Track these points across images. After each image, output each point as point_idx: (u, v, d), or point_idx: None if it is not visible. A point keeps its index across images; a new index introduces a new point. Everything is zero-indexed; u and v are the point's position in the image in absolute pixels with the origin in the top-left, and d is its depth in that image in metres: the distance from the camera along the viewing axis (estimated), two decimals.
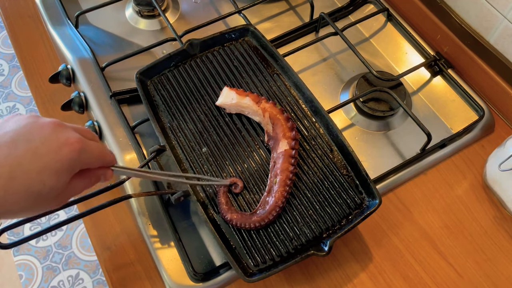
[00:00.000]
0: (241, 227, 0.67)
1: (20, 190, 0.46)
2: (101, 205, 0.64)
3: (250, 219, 0.67)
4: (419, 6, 0.92)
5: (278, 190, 0.68)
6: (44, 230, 0.60)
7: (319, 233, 0.67)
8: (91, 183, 0.53)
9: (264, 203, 0.68)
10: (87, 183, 0.53)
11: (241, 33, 0.84)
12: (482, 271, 0.71)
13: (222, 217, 0.68)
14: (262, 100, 0.74)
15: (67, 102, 0.83)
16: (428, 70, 0.90)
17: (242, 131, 0.75)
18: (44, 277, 1.79)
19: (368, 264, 0.72)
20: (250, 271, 0.65)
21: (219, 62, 0.81)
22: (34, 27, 0.99)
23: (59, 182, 0.48)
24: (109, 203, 0.64)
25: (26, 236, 0.59)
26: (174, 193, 0.67)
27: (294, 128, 0.72)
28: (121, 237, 0.75)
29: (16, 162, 0.45)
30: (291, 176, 0.69)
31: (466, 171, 0.80)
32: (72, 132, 0.50)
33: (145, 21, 0.95)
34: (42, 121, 0.49)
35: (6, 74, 2.29)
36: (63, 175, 0.48)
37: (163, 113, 0.77)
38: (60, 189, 0.48)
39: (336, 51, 0.93)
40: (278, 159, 0.70)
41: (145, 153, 0.77)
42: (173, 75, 0.80)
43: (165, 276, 0.69)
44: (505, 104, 0.84)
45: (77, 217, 0.63)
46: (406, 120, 0.84)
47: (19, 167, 0.45)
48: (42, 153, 0.47)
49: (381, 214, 0.76)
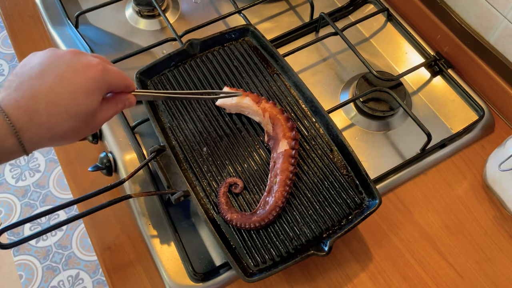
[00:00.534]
0: (241, 227, 0.67)
1: (61, 112, 0.50)
2: (101, 205, 0.64)
3: (250, 219, 0.67)
4: (419, 6, 0.92)
5: (278, 190, 0.68)
6: (44, 230, 0.60)
7: (319, 233, 0.67)
8: (118, 108, 0.59)
9: (264, 203, 0.68)
10: (114, 107, 0.58)
11: (241, 33, 0.84)
12: (482, 271, 0.71)
13: (222, 217, 0.68)
14: (262, 100, 0.74)
15: None
16: (428, 70, 0.90)
17: (242, 131, 0.75)
18: (44, 277, 1.79)
19: (368, 264, 0.72)
20: (250, 271, 0.65)
21: (219, 62, 0.81)
22: (34, 27, 0.99)
23: (92, 102, 0.53)
24: (108, 203, 0.64)
25: (26, 236, 0.59)
26: (174, 193, 0.67)
27: (294, 128, 0.72)
28: (121, 237, 0.75)
29: (49, 88, 0.50)
30: (291, 176, 0.69)
31: (466, 171, 0.80)
32: (91, 56, 0.55)
33: (145, 21, 0.95)
34: (61, 51, 0.53)
35: (6, 74, 2.29)
36: (94, 95, 0.53)
37: (163, 113, 0.77)
38: (94, 109, 0.54)
39: (336, 51, 0.93)
40: (278, 159, 0.70)
41: (145, 153, 0.77)
42: (173, 75, 0.80)
43: (165, 276, 0.69)
44: (505, 104, 0.84)
45: (77, 217, 0.63)
46: (406, 120, 0.84)
47: (52, 92, 0.50)
48: (69, 76, 0.51)
49: (381, 214, 0.76)
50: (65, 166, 0.83)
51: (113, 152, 0.78)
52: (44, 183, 1.99)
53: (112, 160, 0.77)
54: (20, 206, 1.94)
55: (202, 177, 0.71)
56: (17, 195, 1.97)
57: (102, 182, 0.81)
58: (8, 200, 1.95)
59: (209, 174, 0.72)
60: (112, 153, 0.78)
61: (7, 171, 2.02)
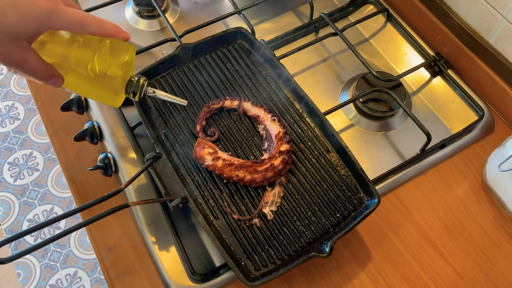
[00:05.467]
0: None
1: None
2: (99, 215, 0.62)
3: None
4: (419, 6, 0.92)
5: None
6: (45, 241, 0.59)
7: (319, 235, 0.68)
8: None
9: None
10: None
11: (233, 36, 0.83)
12: (482, 271, 0.72)
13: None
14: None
15: (67, 103, 0.83)
16: (428, 70, 0.90)
17: (237, 136, 0.75)
18: (42, 275, 1.79)
19: (368, 264, 0.72)
20: (252, 275, 0.65)
21: (212, 66, 0.81)
22: None
23: (24, 25, 0.52)
24: (105, 213, 0.63)
25: (29, 248, 0.58)
26: (172, 200, 0.67)
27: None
28: (121, 237, 0.75)
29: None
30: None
31: (466, 172, 0.80)
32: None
33: (145, 21, 0.95)
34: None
35: (5, 73, 2.28)
36: (27, 24, 0.52)
37: (158, 119, 0.76)
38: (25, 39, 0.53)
39: (336, 51, 0.93)
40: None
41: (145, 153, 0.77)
42: (166, 80, 0.80)
43: (165, 277, 0.69)
44: (505, 105, 0.85)
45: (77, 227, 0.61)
46: (406, 120, 0.84)
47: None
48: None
49: (381, 215, 0.76)
50: (65, 167, 0.83)
51: (112, 152, 0.78)
52: (43, 182, 1.99)
53: (112, 160, 0.77)
54: (19, 204, 1.94)
55: (200, 183, 0.71)
56: (16, 194, 1.96)
57: (102, 183, 0.81)
58: (7, 198, 1.95)
59: (207, 179, 0.72)
60: (112, 153, 0.78)
61: (6, 169, 2.02)
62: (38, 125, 2.14)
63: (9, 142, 2.09)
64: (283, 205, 0.70)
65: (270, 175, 0.69)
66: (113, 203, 0.65)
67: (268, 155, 0.71)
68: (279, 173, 0.69)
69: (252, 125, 0.76)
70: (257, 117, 0.75)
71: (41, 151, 2.07)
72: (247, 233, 0.68)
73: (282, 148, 0.71)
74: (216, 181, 0.71)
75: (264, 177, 0.69)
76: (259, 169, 0.69)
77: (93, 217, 0.63)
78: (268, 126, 0.73)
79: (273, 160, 0.70)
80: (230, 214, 0.68)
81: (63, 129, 0.87)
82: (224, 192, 0.70)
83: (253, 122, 0.76)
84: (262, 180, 0.69)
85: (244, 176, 0.69)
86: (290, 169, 0.72)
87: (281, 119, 0.75)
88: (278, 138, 0.72)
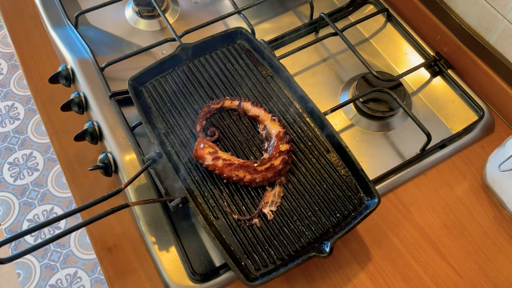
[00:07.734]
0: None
1: None
2: (99, 215, 0.62)
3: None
4: (419, 6, 0.92)
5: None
6: (45, 241, 0.59)
7: (319, 235, 0.68)
8: None
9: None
10: None
11: (232, 36, 0.83)
12: (482, 272, 0.72)
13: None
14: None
15: (67, 103, 0.83)
16: (428, 70, 0.90)
17: (237, 135, 0.75)
18: (42, 275, 1.79)
19: (368, 264, 0.72)
20: (252, 276, 0.65)
21: (211, 66, 0.81)
22: (34, 27, 0.99)
23: None
24: (105, 213, 0.63)
25: (29, 248, 0.58)
26: (172, 200, 0.67)
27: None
28: (121, 237, 0.75)
29: None
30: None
31: (466, 172, 0.80)
32: None
33: (144, 21, 0.95)
34: None
35: (5, 73, 2.28)
36: None
37: (158, 119, 0.76)
38: None
39: (336, 51, 0.93)
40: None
41: (145, 153, 0.76)
42: (165, 80, 0.80)
43: (164, 277, 0.69)
44: (505, 105, 0.85)
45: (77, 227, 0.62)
46: (406, 120, 0.84)
47: None
48: None
49: (381, 215, 0.76)
50: (65, 167, 0.83)
51: (112, 152, 0.78)
52: (43, 182, 1.99)
53: (112, 160, 0.77)
54: (19, 204, 1.94)
55: (200, 183, 0.71)
56: (16, 194, 1.96)
57: (102, 183, 0.81)
58: (7, 199, 1.95)
59: (207, 179, 0.72)
60: (111, 153, 0.78)
61: (6, 169, 2.02)
62: (38, 125, 2.14)
63: (9, 142, 2.09)
64: (283, 205, 0.70)
65: (270, 175, 0.69)
66: (113, 203, 0.65)
67: (268, 155, 0.71)
68: (279, 173, 0.69)
69: (252, 125, 0.76)
70: (257, 117, 0.75)
71: (41, 151, 2.07)
72: (247, 233, 0.68)
73: (282, 148, 0.71)
74: (216, 181, 0.71)
75: (264, 177, 0.69)
76: (259, 169, 0.69)
77: (93, 217, 0.63)
78: (268, 126, 0.73)
79: (273, 160, 0.70)
80: (230, 214, 0.68)
81: (63, 129, 0.87)
82: (224, 192, 0.70)
83: (253, 122, 0.76)
84: (262, 180, 0.69)
85: (244, 176, 0.69)
86: (290, 169, 0.72)
87: (281, 119, 0.75)
88: (278, 138, 0.72)
